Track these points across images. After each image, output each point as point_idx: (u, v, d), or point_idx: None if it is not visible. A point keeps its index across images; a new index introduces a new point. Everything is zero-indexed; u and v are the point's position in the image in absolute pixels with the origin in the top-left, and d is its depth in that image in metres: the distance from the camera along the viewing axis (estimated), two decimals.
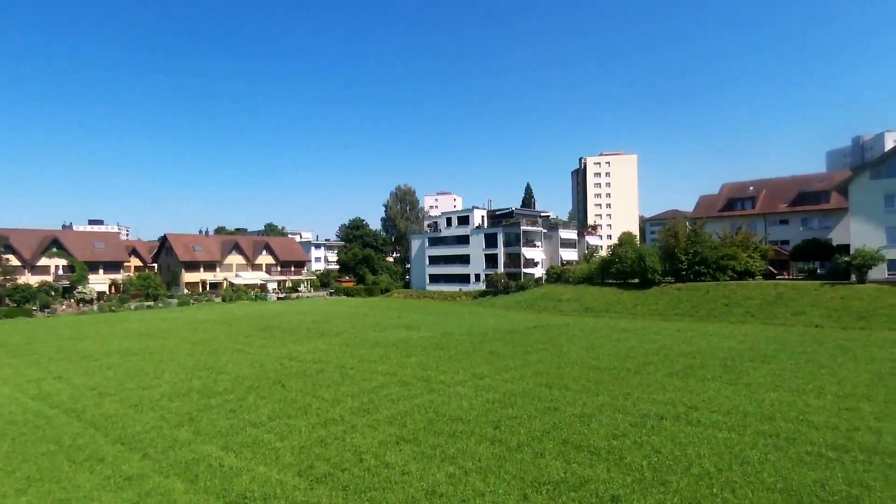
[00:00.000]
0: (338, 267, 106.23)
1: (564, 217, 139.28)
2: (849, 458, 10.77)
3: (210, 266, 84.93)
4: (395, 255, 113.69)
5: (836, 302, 36.81)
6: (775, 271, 53.87)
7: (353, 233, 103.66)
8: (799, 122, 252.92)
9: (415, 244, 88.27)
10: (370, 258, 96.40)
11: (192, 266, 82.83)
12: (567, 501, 9.14)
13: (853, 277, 41.42)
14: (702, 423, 13.42)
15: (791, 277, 50.95)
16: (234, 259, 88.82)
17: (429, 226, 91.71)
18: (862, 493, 9.13)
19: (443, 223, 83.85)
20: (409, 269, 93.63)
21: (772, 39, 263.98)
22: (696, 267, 48.24)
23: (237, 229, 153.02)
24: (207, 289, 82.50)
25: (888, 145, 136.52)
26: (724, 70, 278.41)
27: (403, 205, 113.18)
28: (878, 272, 41.35)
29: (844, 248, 46.84)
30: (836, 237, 54.14)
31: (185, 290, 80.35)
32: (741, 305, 39.75)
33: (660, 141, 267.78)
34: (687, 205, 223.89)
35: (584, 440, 12.19)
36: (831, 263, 46.04)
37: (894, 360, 21.40)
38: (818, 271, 51.88)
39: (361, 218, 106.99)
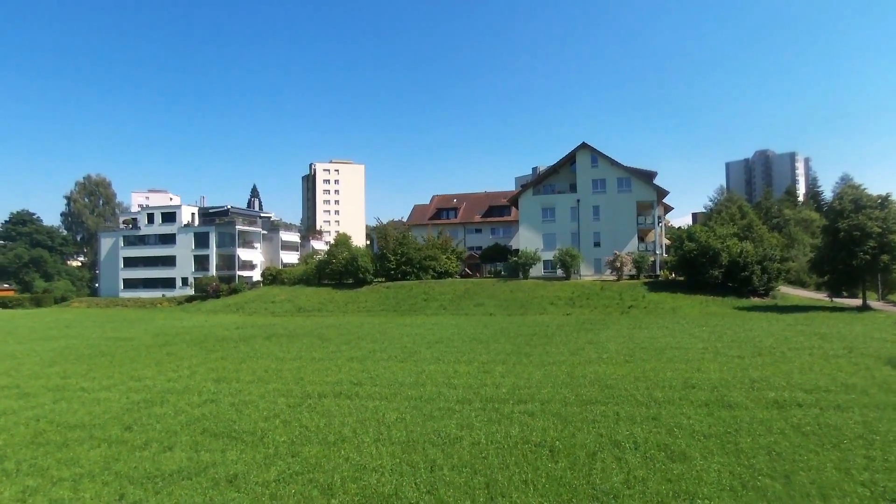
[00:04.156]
0: None
1: (297, 223, 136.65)
2: (468, 408, 12.27)
3: None
4: (81, 257, 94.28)
5: (507, 294, 44.13)
6: (470, 272, 62.15)
7: (18, 229, 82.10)
8: (494, 149, 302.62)
9: (106, 244, 74.38)
10: (42, 260, 77.55)
11: None
12: (175, 490, 8.05)
13: (520, 275, 50.43)
14: (360, 396, 13.84)
15: (481, 276, 59.41)
16: None
17: (125, 222, 78.16)
18: (465, 434, 10.36)
19: (143, 220, 72.68)
20: (98, 273, 78.49)
21: (467, 77, 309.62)
22: (403, 267, 52.28)
23: None
24: None
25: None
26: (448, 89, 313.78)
27: (94, 198, 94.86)
28: (537, 270, 51.25)
29: (517, 252, 56.80)
30: (515, 243, 65.40)
31: None
32: (437, 300, 44.41)
33: (390, 154, 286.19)
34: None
35: (227, 427, 11.22)
36: (508, 264, 55.32)
37: (532, 333, 26.25)
38: (502, 272, 61.88)
39: (31, 211, 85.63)
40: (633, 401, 12.53)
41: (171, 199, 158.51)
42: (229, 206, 73.96)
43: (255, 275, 67.88)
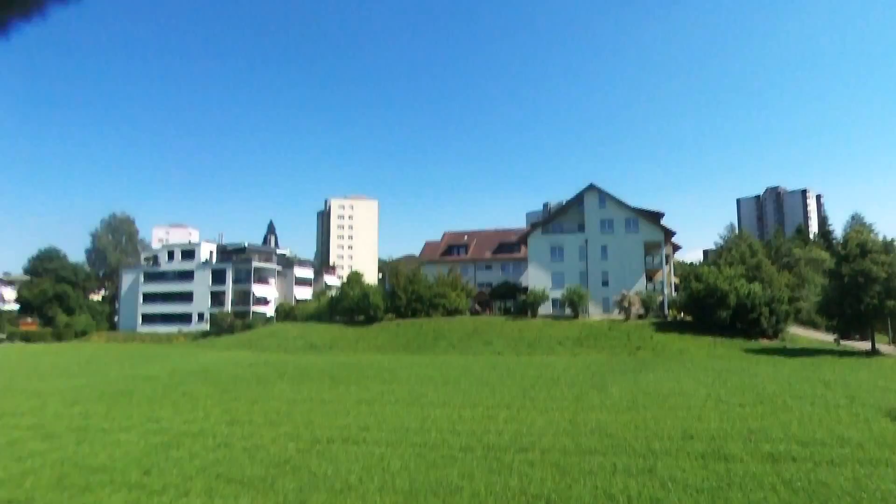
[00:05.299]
0: (17, 307, 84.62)
1: (310, 258, 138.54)
2: (470, 456, 12.73)
3: None
4: (103, 292, 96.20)
5: (515, 333, 44.49)
6: (480, 309, 62.60)
7: (44, 265, 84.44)
8: (505, 185, 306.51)
9: (127, 279, 76.35)
10: (65, 295, 79.30)
11: None
12: None
13: (529, 313, 50.82)
14: (367, 441, 14.34)
15: (491, 313, 59.81)
16: None
17: (146, 259, 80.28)
18: (466, 483, 10.83)
19: (164, 257, 74.69)
20: (118, 308, 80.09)
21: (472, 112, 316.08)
22: (414, 304, 53.00)
23: None
24: None
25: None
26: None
27: (118, 235, 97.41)
28: (546, 308, 51.63)
29: (526, 289, 57.31)
30: (524, 280, 65.94)
31: None
32: (446, 338, 44.87)
33: (404, 189, 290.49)
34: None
35: (241, 473, 11.79)
36: (517, 302, 55.78)
37: (539, 376, 26.56)
38: (511, 309, 62.27)
39: (57, 248, 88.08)
40: (631, 451, 12.89)
41: (190, 233, 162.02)
42: (246, 244, 75.84)
43: (269, 310, 68.92)
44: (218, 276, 69.48)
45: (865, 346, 35.43)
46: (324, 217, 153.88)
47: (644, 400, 19.46)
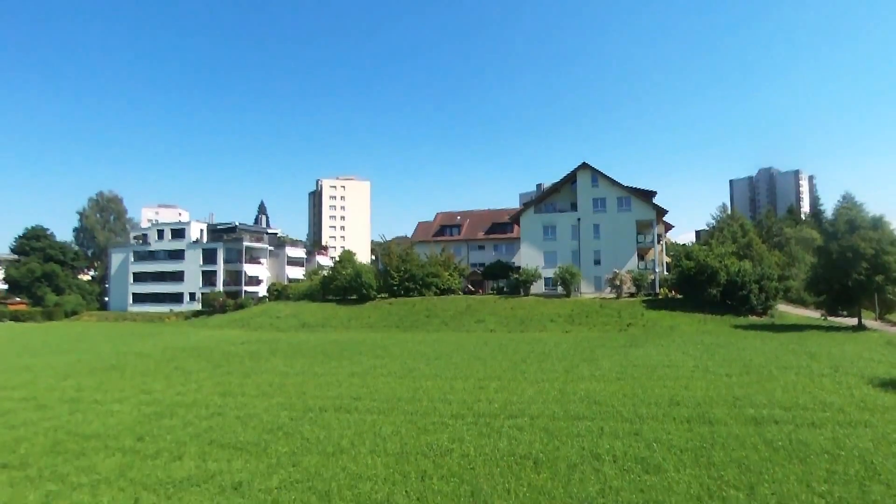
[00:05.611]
0: (5, 287, 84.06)
1: (303, 238, 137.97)
2: (461, 423, 12.92)
3: None
4: (92, 272, 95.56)
5: (508, 311, 44.75)
6: (473, 289, 62.83)
7: (32, 244, 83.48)
8: (499, 166, 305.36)
9: (116, 259, 75.89)
10: (53, 275, 78.71)
11: None
12: (185, 496, 8.76)
13: (521, 292, 51.06)
14: (359, 410, 14.51)
15: (484, 293, 60.05)
16: None
17: (136, 238, 79.61)
18: (456, 446, 11.02)
19: (153, 236, 74.17)
20: (108, 287, 79.69)
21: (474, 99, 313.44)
22: (406, 283, 53.07)
23: None
24: None
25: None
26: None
27: (106, 214, 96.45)
28: (538, 287, 51.90)
29: (519, 269, 57.50)
30: (517, 260, 66.11)
31: None
32: (439, 316, 45.07)
33: (396, 171, 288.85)
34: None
35: (234, 438, 11.93)
36: (509, 281, 55.98)
37: (530, 351, 26.82)
38: (504, 289, 62.49)
39: (44, 227, 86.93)
40: (618, 417, 13.14)
41: (180, 214, 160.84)
42: (237, 223, 75.25)
43: (261, 290, 68.88)
44: (209, 256, 69.10)
45: (852, 322, 35.93)
46: (315, 198, 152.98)
47: (633, 371, 19.73)
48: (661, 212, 54.31)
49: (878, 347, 25.50)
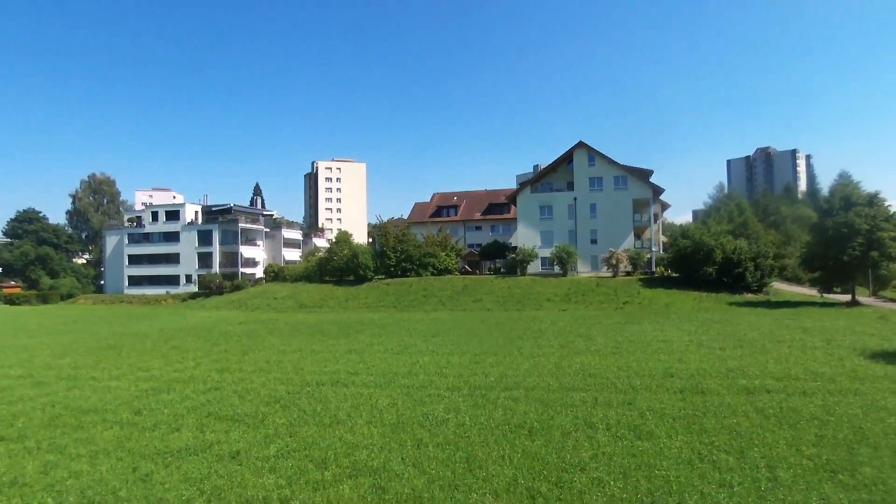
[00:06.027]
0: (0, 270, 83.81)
1: (299, 220, 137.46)
2: (456, 395, 13.05)
3: None
4: (86, 255, 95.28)
5: (505, 291, 44.88)
6: (470, 269, 62.92)
7: (24, 227, 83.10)
8: (496, 147, 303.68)
9: (111, 242, 75.50)
10: (48, 258, 78.52)
11: None
12: (183, 464, 8.86)
13: (518, 271, 51.17)
14: (356, 384, 14.62)
15: (481, 273, 60.15)
16: None
17: (130, 220, 79.23)
18: (452, 416, 11.15)
19: (147, 218, 73.74)
20: (103, 271, 79.50)
21: (469, 77, 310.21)
22: (403, 264, 53.06)
23: None
24: None
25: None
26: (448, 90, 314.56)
27: (99, 196, 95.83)
28: (534, 267, 51.99)
29: (515, 249, 57.53)
30: (513, 240, 66.09)
31: None
32: (436, 296, 45.19)
33: (393, 152, 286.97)
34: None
35: (230, 411, 12.03)
36: (506, 261, 56.04)
37: (526, 328, 26.99)
38: (501, 269, 62.61)
39: (37, 209, 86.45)
40: (612, 388, 13.28)
41: (174, 197, 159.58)
42: (232, 205, 74.86)
43: (258, 272, 68.81)
44: (204, 238, 68.81)
45: (846, 298, 36.20)
46: (311, 179, 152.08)
47: (628, 346, 19.88)
48: (658, 190, 54.20)
49: (871, 322, 25.72)
